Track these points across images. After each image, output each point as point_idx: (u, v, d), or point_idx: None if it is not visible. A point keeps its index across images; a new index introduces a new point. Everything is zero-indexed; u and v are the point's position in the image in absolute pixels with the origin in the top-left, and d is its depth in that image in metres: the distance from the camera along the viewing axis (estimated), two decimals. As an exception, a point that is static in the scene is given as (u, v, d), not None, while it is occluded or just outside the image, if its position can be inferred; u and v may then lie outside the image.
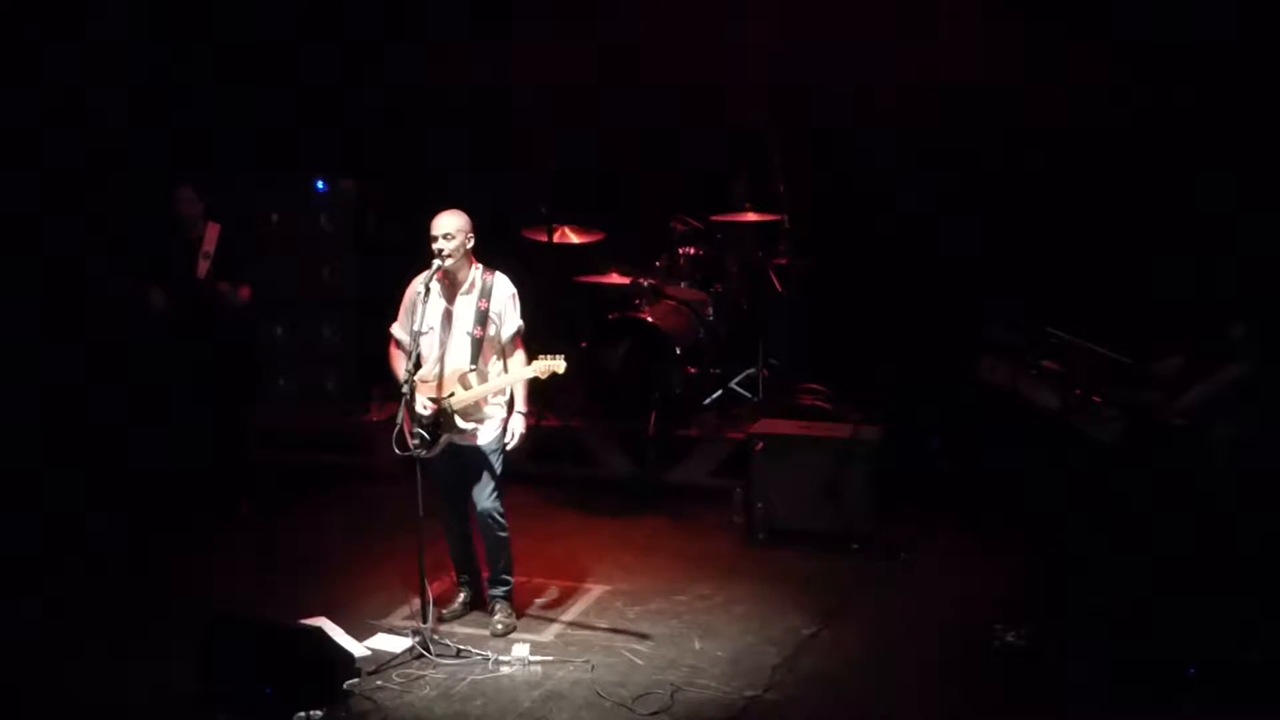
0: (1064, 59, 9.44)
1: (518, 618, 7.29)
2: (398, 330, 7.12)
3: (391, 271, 7.73)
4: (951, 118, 9.71)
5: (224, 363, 8.82)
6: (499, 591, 7.28)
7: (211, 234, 8.72)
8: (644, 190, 10.12)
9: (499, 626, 7.18)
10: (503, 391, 7.04)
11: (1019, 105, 9.53)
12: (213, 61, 10.51)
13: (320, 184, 9.84)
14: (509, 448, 7.05)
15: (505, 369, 7.04)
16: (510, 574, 7.30)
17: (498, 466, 7.08)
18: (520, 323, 7.06)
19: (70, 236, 10.15)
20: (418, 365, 6.98)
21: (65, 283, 10.09)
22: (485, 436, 7.05)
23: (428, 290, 6.92)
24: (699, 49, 10.16)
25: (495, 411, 7.05)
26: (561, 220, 9.81)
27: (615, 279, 9.75)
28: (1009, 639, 7.03)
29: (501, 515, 7.16)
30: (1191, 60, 9.08)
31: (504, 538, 7.21)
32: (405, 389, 6.81)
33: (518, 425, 7.01)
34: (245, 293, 8.75)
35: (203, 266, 8.68)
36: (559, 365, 6.85)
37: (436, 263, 6.89)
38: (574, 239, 9.88)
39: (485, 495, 7.09)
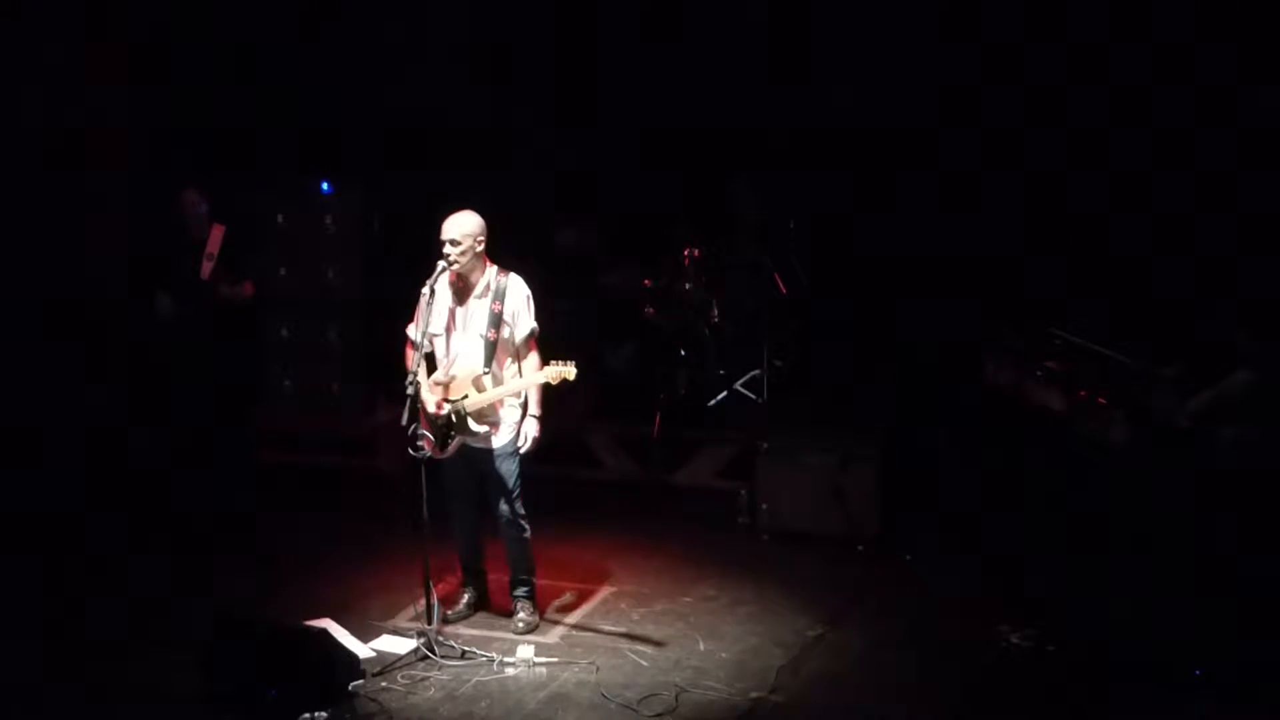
0: (1064, 57, 9.44)
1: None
2: (412, 331, 7.10)
3: (396, 273, 7.71)
4: (952, 117, 9.71)
5: (226, 363, 8.80)
6: (521, 591, 7.29)
7: (216, 235, 8.71)
8: (648, 191, 10.10)
9: (520, 625, 7.20)
10: (518, 394, 7.02)
11: (1020, 104, 9.53)
12: (214, 62, 10.49)
13: (326, 185, 9.83)
14: (523, 451, 7.03)
15: (520, 371, 7.03)
16: (533, 574, 7.32)
17: (514, 470, 7.06)
18: (534, 325, 7.03)
19: (73, 237, 10.15)
20: (431, 367, 6.97)
21: (65, 283, 10.08)
22: (499, 440, 7.02)
23: (433, 293, 6.91)
24: (702, 49, 10.17)
25: (509, 415, 7.03)
26: (567, 222, 9.82)
27: (620, 280, 9.74)
28: (1013, 640, 7.03)
29: (523, 519, 7.16)
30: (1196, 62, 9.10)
31: (526, 540, 7.22)
32: (410, 389, 6.79)
33: (531, 428, 6.99)
34: (249, 288, 8.74)
35: (206, 268, 8.68)
36: (570, 371, 6.83)
37: (441, 264, 6.88)
38: (579, 240, 9.88)
39: (504, 500, 7.09)
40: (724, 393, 9.79)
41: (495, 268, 7.03)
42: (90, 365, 10.15)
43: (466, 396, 6.91)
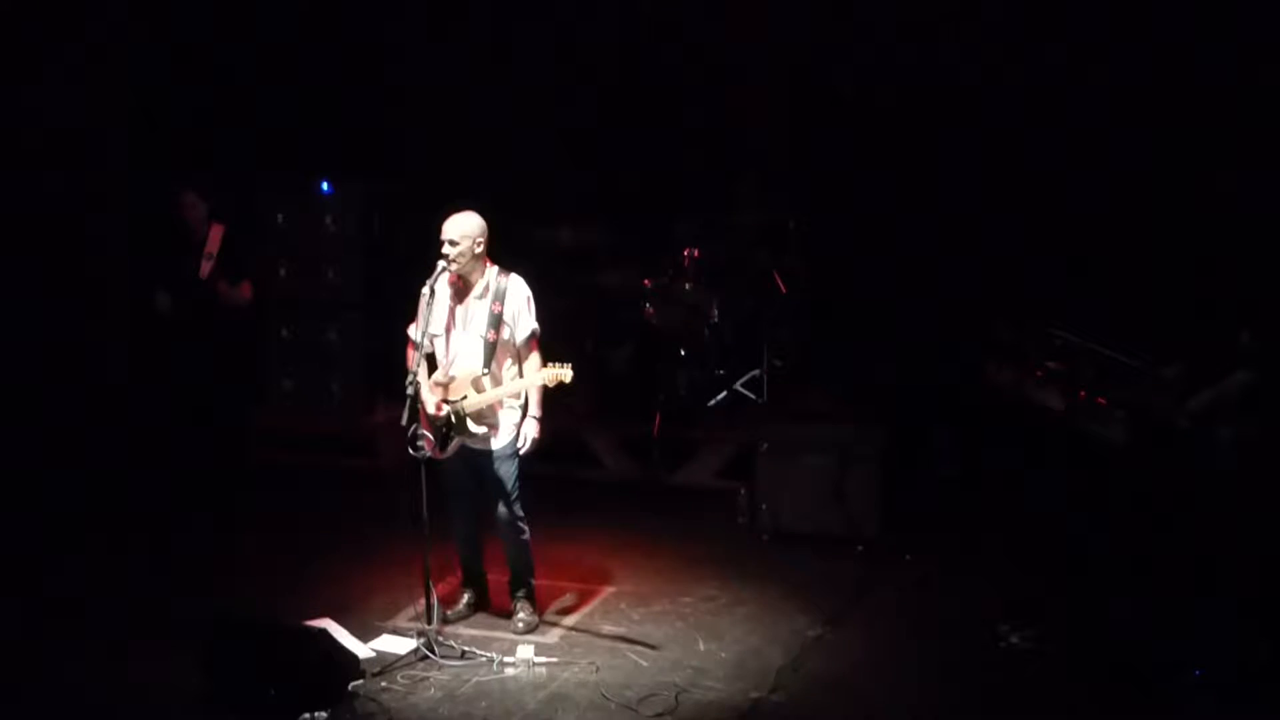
0: (1063, 56, 9.44)
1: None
2: (413, 331, 7.10)
3: (396, 273, 7.70)
4: (952, 117, 9.71)
5: (225, 363, 8.81)
6: (521, 592, 7.30)
7: (215, 235, 8.71)
8: (648, 191, 10.10)
9: (520, 625, 7.21)
10: (517, 396, 7.02)
11: (1019, 104, 9.54)
12: (214, 61, 10.50)
13: (325, 185, 9.83)
14: (523, 453, 7.03)
15: (521, 373, 7.03)
16: (532, 575, 7.33)
17: (513, 472, 7.06)
18: (535, 325, 7.02)
19: (73, 237, 10.15)
20: (432, 367, 6.96)
21: (66, 283, 10.09)
22: (499, 441, 7.02)
23: (433, 293, 6.90)
24: (702, 49, 10.17)
25: (509, 416, 7.02)
26: (567, 221, 9.82)
27: (620, 280, 9.74)
28: (1013, 640, 7.04)
29: (522, 520, 7.17)
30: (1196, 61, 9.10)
31: (525, 540, 7.23)
32: (410, 389, 6.79)
33: (531, 430, 6.98)
34: (246, 289, 8.74)
35: (205, 267, 8.68)
36: (566, 374, 6.82)
37: (441, 264, 6.88)
38: (579, 240, 9.88)
39: (504, 501, 7.09)
40: (724, 393, 9.79)
41: (496, 268, 7.02)
42: (90, 365, 10.15)
43: (465, 397, 6.91)
